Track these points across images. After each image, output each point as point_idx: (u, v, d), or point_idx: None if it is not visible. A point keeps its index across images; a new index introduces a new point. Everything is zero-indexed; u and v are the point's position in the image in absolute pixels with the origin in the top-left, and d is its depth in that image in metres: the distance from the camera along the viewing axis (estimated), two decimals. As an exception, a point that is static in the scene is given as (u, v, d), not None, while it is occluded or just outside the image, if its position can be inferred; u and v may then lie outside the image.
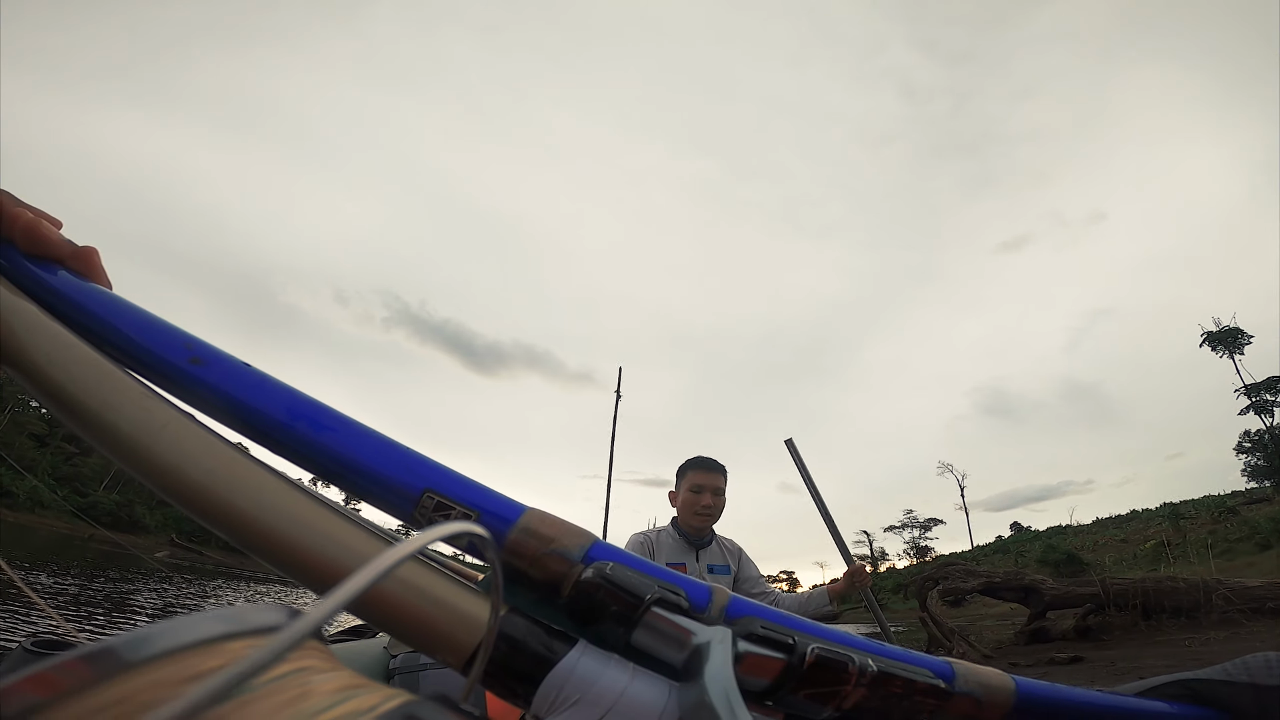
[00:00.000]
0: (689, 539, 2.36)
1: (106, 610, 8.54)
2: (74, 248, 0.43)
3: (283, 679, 0.20)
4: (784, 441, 2.49)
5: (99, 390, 0.36)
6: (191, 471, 0.36)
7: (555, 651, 0.38)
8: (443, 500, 0.41)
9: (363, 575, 0.17)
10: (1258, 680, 0.53)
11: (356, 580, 0.17)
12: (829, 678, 0.41)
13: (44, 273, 0.41)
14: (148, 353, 0.40)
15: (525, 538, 0.40)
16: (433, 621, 0.37)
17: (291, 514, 0.36)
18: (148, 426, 0.36)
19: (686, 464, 2.43)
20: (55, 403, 0.37)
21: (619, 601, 0.38)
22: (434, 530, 0.23)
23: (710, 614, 0.42)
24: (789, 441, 2.47)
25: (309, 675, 0.22)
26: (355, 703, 0.21)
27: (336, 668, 0.24)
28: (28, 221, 0.41)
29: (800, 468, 2.45)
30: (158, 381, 0.40)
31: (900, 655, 0.45)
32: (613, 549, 0.42)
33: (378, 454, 0.41)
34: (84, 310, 0.41)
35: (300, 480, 0.41)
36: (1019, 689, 0.49)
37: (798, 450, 2.45)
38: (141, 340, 0.41)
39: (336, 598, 0.17)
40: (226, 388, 0.40)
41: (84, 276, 0.43)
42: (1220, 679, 0.54)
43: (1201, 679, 0.55)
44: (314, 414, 0.41)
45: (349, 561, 0.36)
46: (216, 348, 0.42)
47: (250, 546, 0.36)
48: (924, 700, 0.44)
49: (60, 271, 0.42)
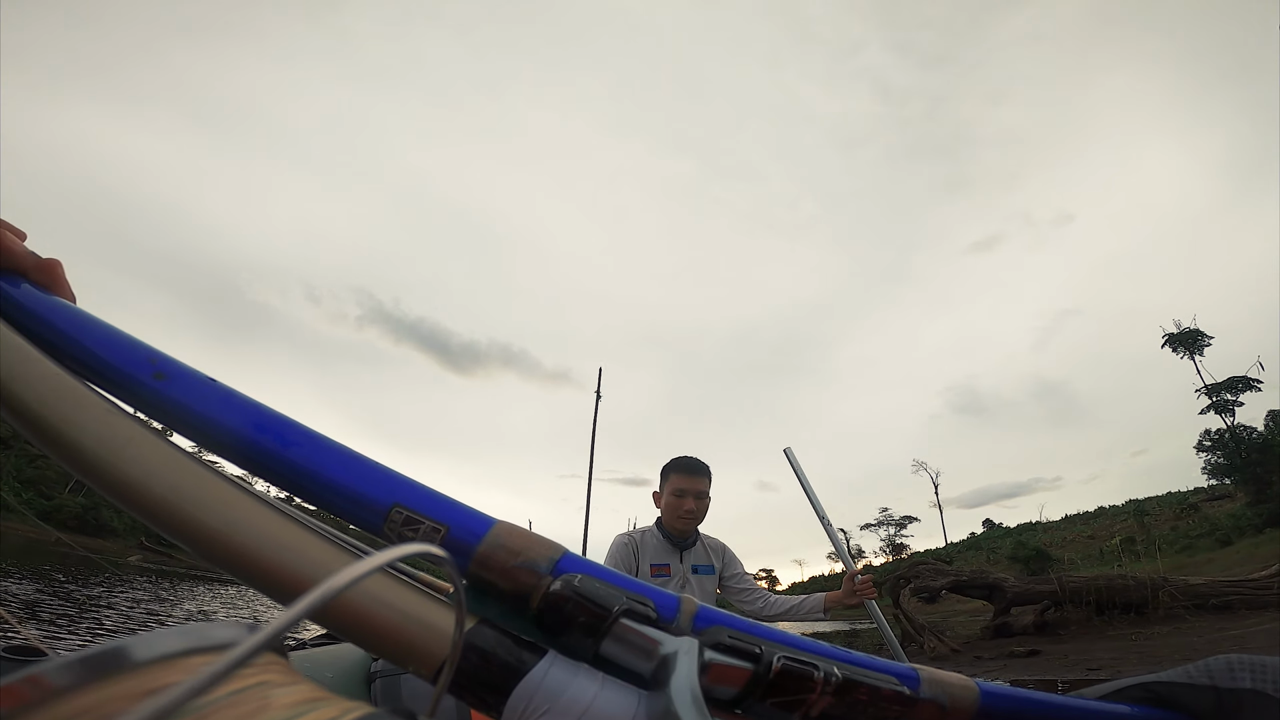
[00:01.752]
0: (673, 540, 2.36)
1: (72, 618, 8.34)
2: (38, 260, 0.42)
3: (241, 693, 0.21)
4: (783, 450, 2.46)
5: (61, 405, 0.36)
6: (156, 487, 0.35)
7: (525, 662, 0.38)
8: (411, 515, 0.41)
9: (318, 592, 0.18)
10: (1219, 683, 0.54)
11: (311, 597, 0.18)
12: (795, 686, 0.42)
13: (6, 285, 0.41)
14: (111, 367, 0.40)
15: (494, 550, 0.41)
16: (402, 633, 0.37)
17: (257, 528, 0.36)
18: (111, 442, 0.36)
19: (669, 465, 2.40)
20: (17, 417, 0.36)
21: (587, 613, 0.39)
22: (393, 550, 0.23)
23: (679, 624, 0.43)
24: (787, 450, 2.45)
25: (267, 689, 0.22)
26: (314, 715, 0.21)
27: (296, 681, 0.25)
28: None
29: (799, 476, 2.43)
30: (121, 396, 0.40)
31: (866, 662, 0.46)
32: (583, 561, 0.42)
33: (346, 468, 0.41)
34: (47, 324, 0.40)
35: (266, 494, 0.41)
36: (982, 693, 0.50)
37: (796, 459, 2.43)
38: (105, 355, 0.40)
39: (291, 613, 0.17)
40: (191, 402, 0.40)
41: (47, 289, 0.42)
42: (1182, 681, 0.56)
43: (1164, 682, 0.56)
44: (280, 429, 0.41)
45: (315, 574, 0.36)
46: (181, 362, 0.41)
47: (217, 561, 0.36)
48: (889, 707, 0.45)
49: (23, 284, 0.41)
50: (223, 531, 0.36)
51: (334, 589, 0.18)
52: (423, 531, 0.41)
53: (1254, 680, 0.53)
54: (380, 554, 0.22)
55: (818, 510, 2.44)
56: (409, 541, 0.41)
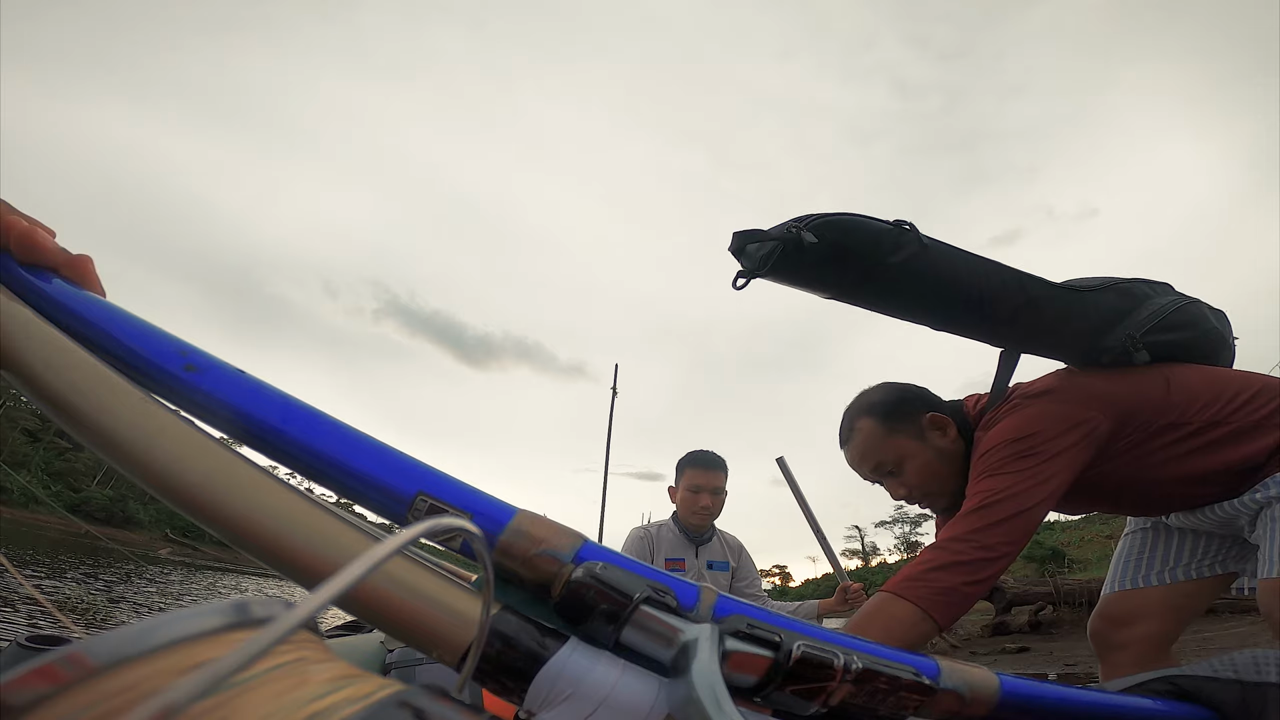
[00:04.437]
0: (688, 535, 2.36)
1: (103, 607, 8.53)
2: (68, 256, 0.43)
3: (280, 668, 0.21)
4: (775, 460, 2.47)
5: (97, 395, 0.37)
6: (189, 475, 0.36)
7: (547, 648, 0.39)
8: (435, 503, 0.41)
9: (353, 569, 0.18)
10: (1244, 677, 0.54)
11: (347, 573, 0.18)
12: (815, 674, 0.42)
13: (39, 280, 0.42)
14: (143, 359, 0.41)
15: (516, 539, 0.41)
16: (426, 619, 0.38)
17: (287, 514, 0.37)
18: (145, 430, 0.37)
19: (685, 460, 2.40)
20: (53, 407, 0.37)
21: (609, 600, 0.39)
22: (425, 524, 0.23)
23: (698, 613, 0.43)
24: (780, 460, 2.46)
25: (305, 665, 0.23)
26: (350, 690, 0.22)
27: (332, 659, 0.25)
28: (23, 230, 0.41)
29: (792, 485, 2.44)
30: (153, 388, 0.41)
31: (885, 653, 0.46)
32: (603, 550, 0.43)
33: (371, 457, 0.42)
34: (79, 317, 0.41)
35: (294, 482, 0.42)
36: (1003, 686, 0.50)
37: (789, 468, 2.44)
38: (137, 347, 0.41)
39: (329, 590, 0.18)
40: (221, 393, 0.41)
41: (78, 284, 0.43)
42: (1206, 675, 0.55)
43: (1187, 675, 0.56)
44: (307, 418, 0.42)
45: (342, 559, 0.37)
46: (210, 354, 0.42)
47: (247, 546, 0.37)
48: (908, 696, 0.45)
49: (55, 279, 0.42)
50: (254, 518, 0.36)
51: (372, 564, 0.19)
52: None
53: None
54: (413, 528, 0.23)
55: (812, 523, 2.42)
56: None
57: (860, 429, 1.35)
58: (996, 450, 1.13)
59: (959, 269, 1.11)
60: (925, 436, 1.30)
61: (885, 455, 1.32)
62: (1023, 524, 1.05)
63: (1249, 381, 1.20)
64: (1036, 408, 1.16)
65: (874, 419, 1.33)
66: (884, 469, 1.34)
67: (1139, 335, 1.24)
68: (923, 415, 1.31)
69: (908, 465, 1.31)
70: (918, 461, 1.30)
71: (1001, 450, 1.12)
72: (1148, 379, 1.21)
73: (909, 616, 0.97)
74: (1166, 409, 1.16)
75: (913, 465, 1.30)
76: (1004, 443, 1.13)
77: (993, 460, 1.12)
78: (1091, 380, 1.21)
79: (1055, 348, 1.26)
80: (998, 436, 1.15)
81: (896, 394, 1.36)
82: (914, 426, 1.31)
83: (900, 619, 0.98)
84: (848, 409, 1.41)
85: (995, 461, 1.12)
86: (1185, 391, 1.18)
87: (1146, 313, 1.27)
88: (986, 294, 1.12)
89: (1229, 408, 1.16)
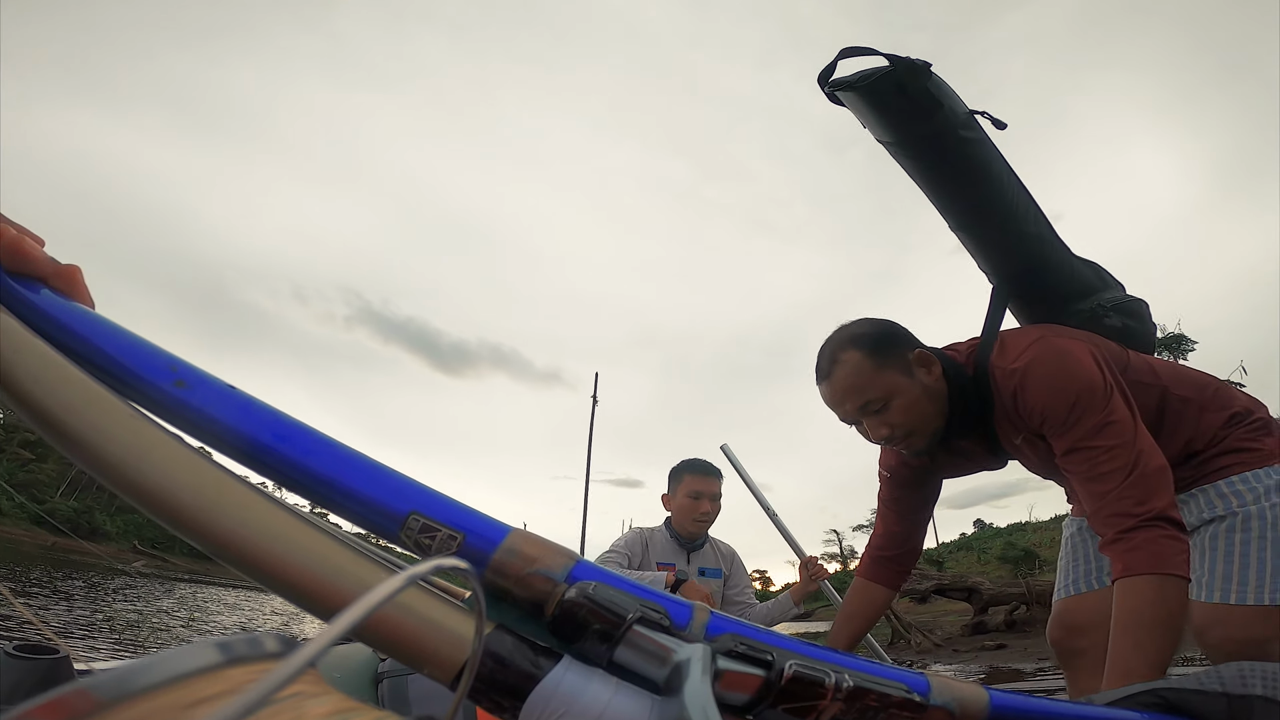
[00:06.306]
0: (680, 541, 2.38)
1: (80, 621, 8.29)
2: (57, 266, 0.43)
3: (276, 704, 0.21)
4: (720, 447, 2.66)
5: (86, 411, 0.36)
6: (180, 493, 0.36)
7: (540, 667, 0.38)
8: (428, 522, 0.41)
9: (360, 606, 0.18)
10: (1230, 690, 0.54)
11: (354, 611, 0.18)
12: (806, 692, 0.42)
13: (27, 291, 0.41)
14: (132, 374, 0.40)
15: (510, 558, 0.41)
16: (421, 638, 0.37)
17: (278, 533, 0.37)
18: (136, 447, 0.36)
19: (682, 467, 2.43)
20: (40, 422, 0.36)
21: (602, 619, 0.39)
22: (423, 565, 0.23)
23: (691, 632, 0.43)
24: (724, 447, 2.66)
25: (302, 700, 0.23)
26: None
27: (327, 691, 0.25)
28: (11, 239, 0.41)
29: (738, 470, 2.63)
30: (142, 403, 0.40)
31: (876, 670, 0.47)
32: (596, 569, 0.43)
33: (364, 476, 0.42)
34: (67, 330, 0.40)
35: (285, 500, 0.41)
36: (992, 701, 0.50)
37: (733, 454, 2.64)
38: (126, 361, 0.40)
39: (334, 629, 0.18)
40: (212, 410, 0.40)
41: (67, 295, 0.43)
42: (1193, 688, 0.56)
43: (1174, 688, 0.57)
44: (300, 436, 0.41)
45: (333, 580, 0.36)
46: (201, 370, 0.42)
47: (236, 564, 0.37)
48: (899, 714, 0.46)
49: (43, 290, 0.42)
50: (244, 536, 0.36)
51: (378, 600, 0.19)
52: (439, 539, 0.41)
53: (1265, 687, 0.54)
54: (414, 569, 0.23)
55: (761, 501, 2.66)
56: (425, 548, 0.42)
57: (845, 361, 1.24)
58: (1082, 406, 1.11)
59: (1004, 175, 1.24)
60: (913, 373, 1.23)
61: (873, 391, 1.22)
62: (1148, 449, 1.07)
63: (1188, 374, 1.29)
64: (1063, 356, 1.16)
65: (861, 352, 1.23)
66: (871, 407, 1.24)
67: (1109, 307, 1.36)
68: (910, 351, 1.25)
69: (895, 402, 1.22)
70: (906, 399, 1.22)
71: (1087, 406, 1.11)
72: (1113, 346, 1.27)
73: (1178, 591, 0.98)
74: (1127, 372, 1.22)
75: (900, 403, 1.22)
76: (1079, 398, 1.11)
77: (1089, 424, 1.10)
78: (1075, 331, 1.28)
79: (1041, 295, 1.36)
80: (1067, 394, 1.12)
81: (883, 328, 1.28)
82: (902, 362, 1.23)
83: (1180, 597, 0.98)
84: (828, 340, 1.30)
85: (1093, 425, 1.10)
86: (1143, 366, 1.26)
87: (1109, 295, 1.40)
88: (1017, 209, 1.25)
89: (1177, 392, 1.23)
